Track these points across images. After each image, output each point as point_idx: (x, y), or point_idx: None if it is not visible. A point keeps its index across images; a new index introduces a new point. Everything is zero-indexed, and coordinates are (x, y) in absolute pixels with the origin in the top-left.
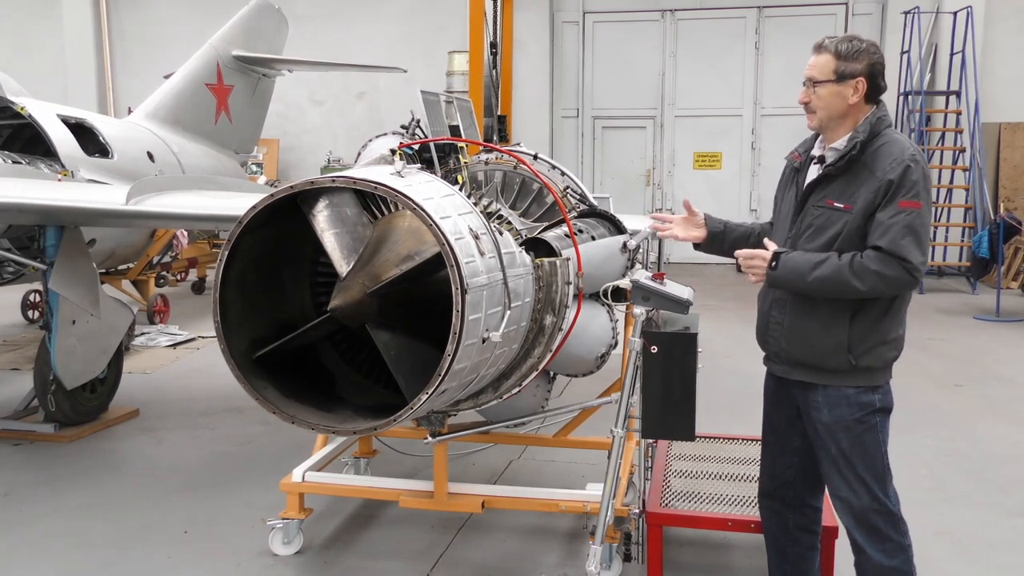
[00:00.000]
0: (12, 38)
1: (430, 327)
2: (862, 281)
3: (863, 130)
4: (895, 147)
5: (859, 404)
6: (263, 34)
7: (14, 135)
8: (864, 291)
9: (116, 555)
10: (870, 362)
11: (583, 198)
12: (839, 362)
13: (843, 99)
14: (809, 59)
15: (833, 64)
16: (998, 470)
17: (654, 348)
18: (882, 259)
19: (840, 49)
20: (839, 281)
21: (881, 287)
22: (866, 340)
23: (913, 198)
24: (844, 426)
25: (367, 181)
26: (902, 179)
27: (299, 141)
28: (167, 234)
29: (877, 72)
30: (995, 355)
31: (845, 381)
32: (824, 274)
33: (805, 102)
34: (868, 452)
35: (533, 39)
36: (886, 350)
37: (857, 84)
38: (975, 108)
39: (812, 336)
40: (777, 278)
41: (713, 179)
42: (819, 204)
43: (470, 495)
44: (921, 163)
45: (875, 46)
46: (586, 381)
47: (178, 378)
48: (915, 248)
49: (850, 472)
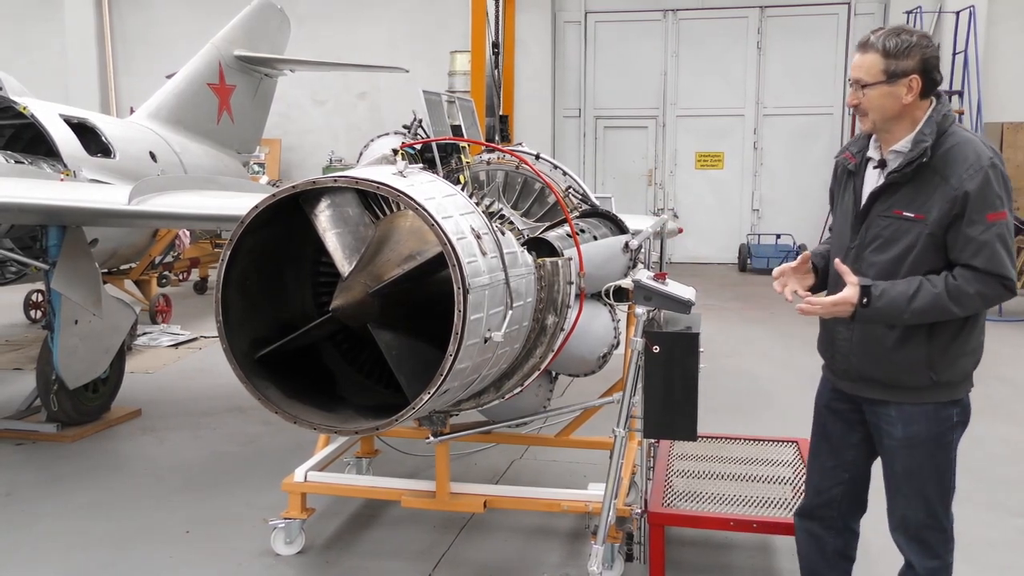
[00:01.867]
0: (14, 38)
1: (432, 327)
2: (962, 306)
3: (930, 132)
4: (969, 150)
5: (937, 419)
6: (265, 34)
7: (16, 135)
8: (962, 315)
9: (118, 555)
10: (951, 376)
11: (585, 198)
12: (918, 379)
13: (897, 99)
14: (854, 58)
15: (882, 63)
16: (999, 470)
17: (656, 348)
18: (980, 279)
19: (888, 46)
20: (938, 309)
21: (980, 306)
22: (947, 354)
23: (998, 209)
24: (919, 442)
25: (369, 181)
26: (984, 189)
27: (301, 141)
28: (169, 234)
29: (932, 66)
30: (997, 355)
31: (924, 398)
32: (921, 305)
33: (855, 104)
34: (938, 470)
35: (535, 39)
36: (967, 361)
37: (911, 82)
38: (977, 108)
39: (887, 353)
40: (870, 316)
41: (715, 179)
42: (885, 214)
43: (472, 495)
44: (999, 166)
45: (926, 37)
46: (588, 381)
47: (180, 378)
48: (1009, 262)
49: (913, 489)
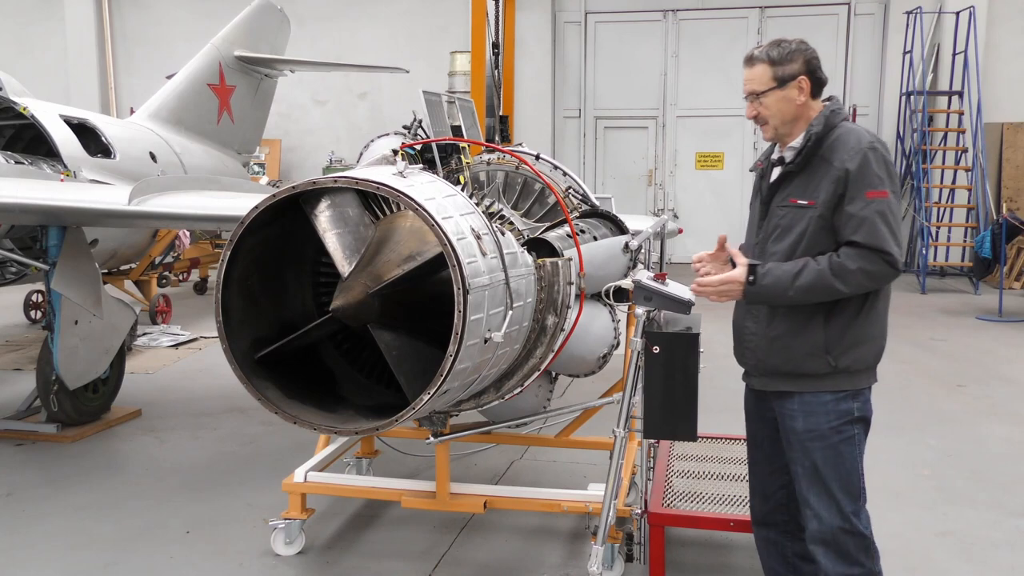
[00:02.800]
0: (14, 38)
1: (432, 327)
2: (845, 282)
3: (818, 123)
4: (851, 136)
5: (836, 412)
6: (265, 34)
7: (17, 135)
8: (848, 292)
9: (118, 555)
10: (850, 363)
11: (585, 198)
12: (817, 365)
13: (791, 102)
14: (744, 74)
15: (770, 71)
16: (1000, 470)
17: (656, 348)
18: (862, 255)
19: (772, 55)
20: (823, 286)
21: (865, 283)
22: (844, 339)
23: (877, 187)
24: (819, 435)
25: (369, 181)
26: (863, 168)
27: (301, 141)
28: (169, 234)
29: (815, 66)
30: (997, 355)
31: (824, 386)
32: (806, 282)
33: (754, 116)
34: (843, 465)
35: (535, 39)
36: (866, 350)
37: (800, 83)
38: (977, 108)
39: (788, 340)
40: (756, 294)
41: (715, 179)
42: (783, 204)
43: (472, 495)
44: (880, 150)
45: (803, 43)
46: (588, 381)
47: (180, 378)
48: (891, 238)
49: (822, 487)
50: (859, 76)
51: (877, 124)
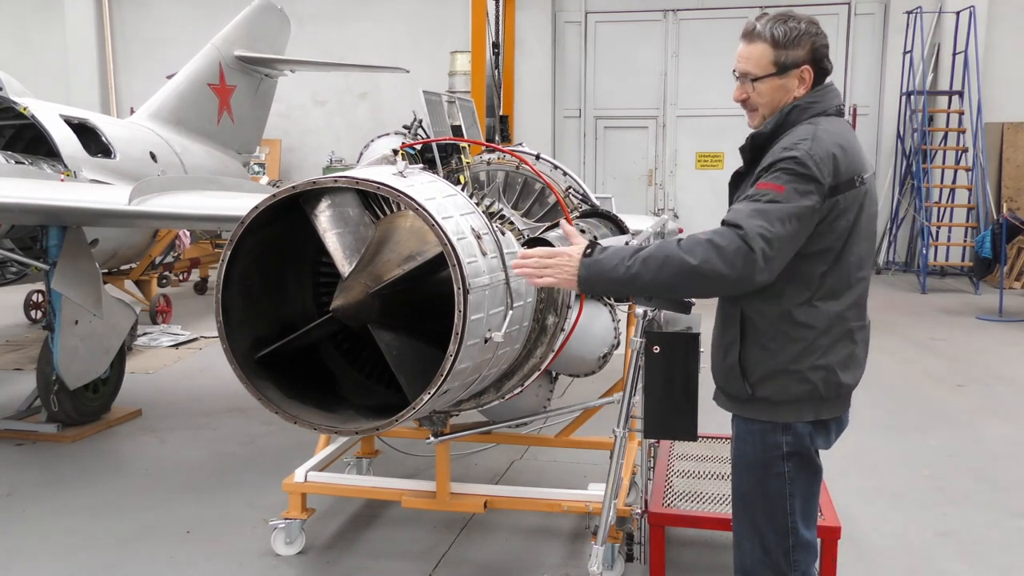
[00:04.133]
0: (14, 38)
1: (432, 327)
2: (693, 255)
3: (770, 122)
4: (787, 139)
5: (764, 443)
6: (265, 34)
7: (17, 135)
8: (696, 264)
9: (118, 555)
10: (770, 393)
11: (585, 198)
12: (737, 388)
13: (788, 93)
14: (739, 48)
15: (771, 54)
16: (1000, 470)
17: (656, 348)
18: (717, 230)
19: (777, 35)
20: (669, 257)
21: (715, 260)
22: (761, 364)
23: (775, 180)
24: (746, 464)
25: (369, 181)
26: (772, 164)
27: (301, 141)
28: (170, 234)
29: (822, 55)
30: (998, 355)
31: (746, 411)
32: (649, 253)
33: (742, 99)
34: (768, 501)
35: (535, 39)
36: (791, 382)
37: (803, 73)
38: (978, 108)
39: (716, 352)
40: (593, 270)
41: (715, 179)
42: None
43: (472, 495)
44: (804, 151)
45: (814, 24)
46: (588, 381)
47: (180, 378)
48: (755, 220)
49: (746, 517)
50: (859, 76)
51: (877, 124)
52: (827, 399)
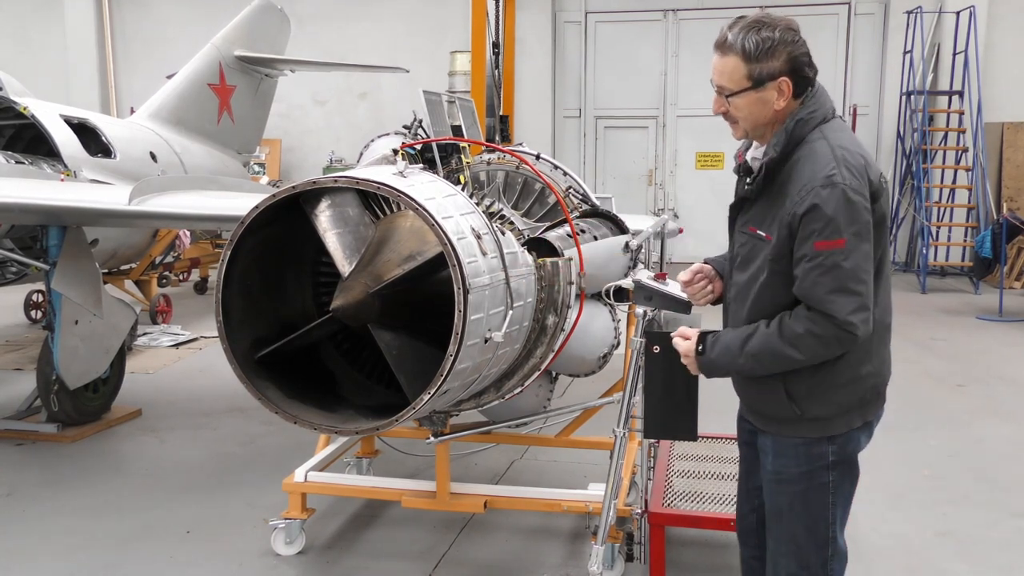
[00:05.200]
0: (14, 38)
1: (432, 327)
2: (798, 349)
3: (777, 144)
4: (808, 166)
5: (808, 456)
6: (265, 34)
7: (17, 135)
8: (805, 360)
9: (118, 555)
10: (821, 411)
11: (585, 198)
12: (784, 412)
13: (767, 105)
14: (713, 59)
15: (744, 68)
16: (1000, 470)
17: (656, 348)
18: (810, 317)
19: (748, 48)
20: (775, 353)
21: (820, 351)
22: (812, 388)
23: (830, 236)
24: (787, 479)
25: (369, 181)
26: (812, 213)
27: (301, 141)
28: (170, 234)
29: (801, 64)
30: (998, 355)
31: (792, 431)
32: (756, 348)
33: (722, 113)
34: (809, 513)
35: (535, 39)
36: (842, 394)
37: (781, 85)
38: (978, 108)
39: (754, 383)
40: (709, 364)
41: (715, 179)
42: (743, 230)
43: (472, 495)
44: (841, 185)
45: (791, 30)
46: (588, 381)
47: (180, 378)
48: (842, 298)
49: (783, 532)
50: (859, 76)
51: (877, 124)
52: (871, 401)
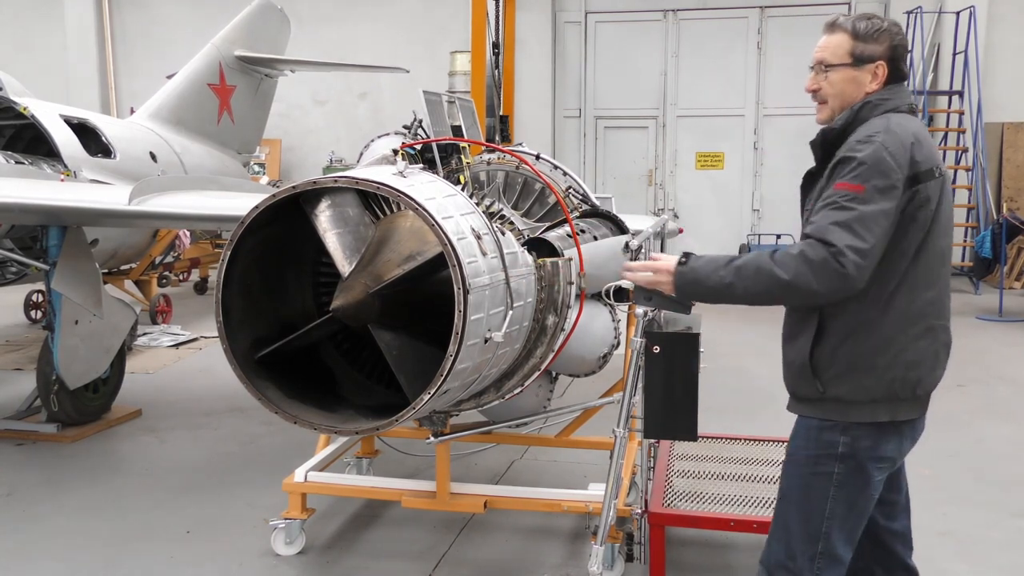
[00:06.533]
0: (14, 38)
1: (432, 327)
2: (784, 268)
3: (842, 118)
4: (864, 128)
5: (817, 441)
6: (265, 34)
7: (17, 135)
8: (788, 280)
9: (118, 555)
10: (842, 392)
11: (585, 198)
12: (808, 389)
13: (860, 86)
14: (820, 40)
15: (849, 44)
16: (1001, 470)
17: (656, 348)
18: (807, 242)
19: (858, 28)
20: (759, 268)
21: (807, 274)
22: (836, 362)
23: (852, 180)
24: (795, 460)
25: (369, 181)
26: (844, 162)
27: (301, 141)
28: (170, 234)
29: (899, 55)
30: (998, 355)
31: (812, 411)
32: (742, 261)
33: (814, 89)
34: (807, 500)
35: (535, 39)
36: (867, 380)
37: (877, 69)
38: (978, 108)
39: (787, 355)
40: (685, 274)
41: (715, 179)
42: (807, 206)
43: (472, 495)
44: (879, 143)
45: (896, 25)
46: (588, 381)
47: (180, 378)
48: (843, 232)
49: (779, 514)
50: None
51: None
52: (903, 399)
